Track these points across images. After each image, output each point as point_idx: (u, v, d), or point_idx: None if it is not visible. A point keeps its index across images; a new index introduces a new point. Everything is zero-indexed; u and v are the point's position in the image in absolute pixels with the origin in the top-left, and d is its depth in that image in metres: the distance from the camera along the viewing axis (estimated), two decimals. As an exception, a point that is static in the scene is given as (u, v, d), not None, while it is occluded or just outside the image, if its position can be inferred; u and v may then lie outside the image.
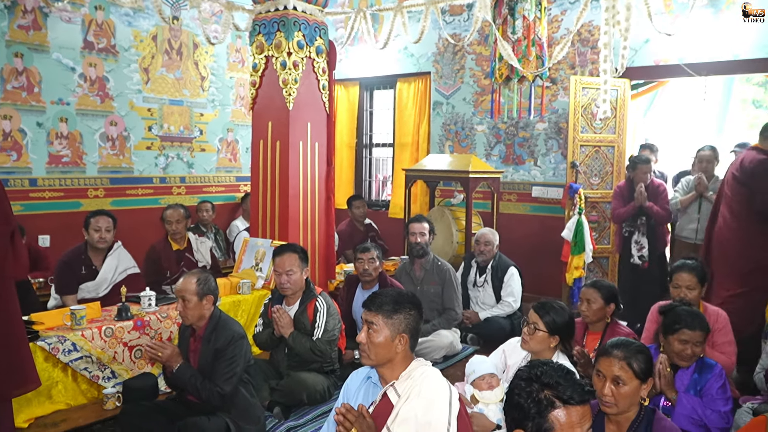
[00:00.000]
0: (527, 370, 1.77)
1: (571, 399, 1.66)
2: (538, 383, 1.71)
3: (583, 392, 1.68)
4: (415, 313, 2.26)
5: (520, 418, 1.71)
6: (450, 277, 4.99)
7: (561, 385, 1.68)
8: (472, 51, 7.11)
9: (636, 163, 5.55)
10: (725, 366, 3.33)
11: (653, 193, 5.50)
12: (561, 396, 1.67)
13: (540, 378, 1.71)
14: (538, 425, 1.67)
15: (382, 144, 8.36)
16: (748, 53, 5.56)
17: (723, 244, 4.52)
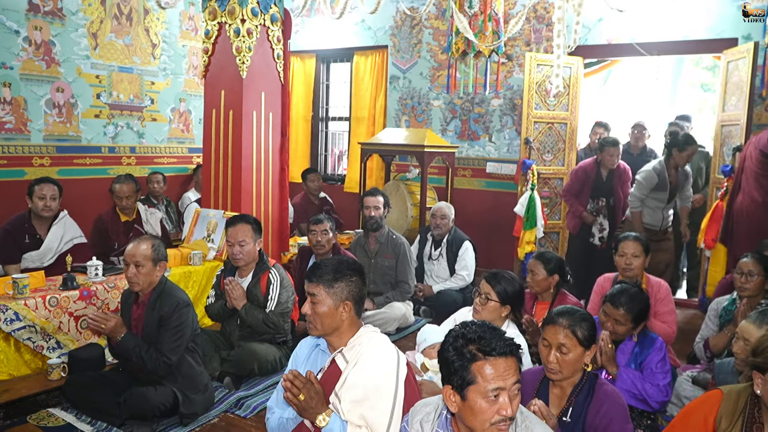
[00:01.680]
0: (457, 328, 1.82)
1: (493, 351, 1.70)
2: (463, 339, 1.76)
3: (505, 345, 1.72)
4: (357, 279, 2.25)
5: (448, 374, 1.76)
6: (404, 250, 5.01)
7: (484, 339, 1.73)
8: (430, 25, 7.09)
9: (604, 145, 5.46)
10: (666, 335, 3.45)
11: (619, 177, 5.53)
12: (483, 349, 1.71)
13: (465, 334, 1.76)
14: (462, 378, 1.71)
15: (339, 118, 8.29)
16: (699, 34, 5.69)
17: (750, 220, 4.58)
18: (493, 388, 1.68)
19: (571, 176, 5.75)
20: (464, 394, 1.71)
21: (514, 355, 1.74)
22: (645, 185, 5.32)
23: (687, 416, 2.14)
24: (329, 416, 2.12)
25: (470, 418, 1.72)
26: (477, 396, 1.69)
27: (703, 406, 2.10)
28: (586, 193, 5.60)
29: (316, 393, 2.13)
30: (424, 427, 1.90)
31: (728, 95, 5.48)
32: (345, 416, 2.12)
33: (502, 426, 1.69)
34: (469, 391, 1.70)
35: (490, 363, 1.70)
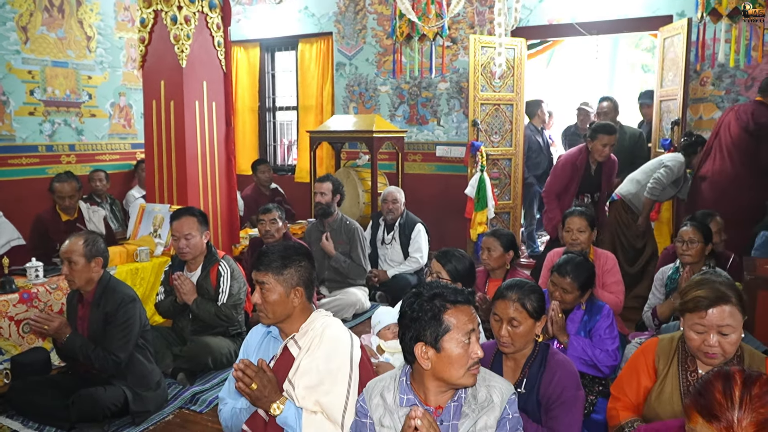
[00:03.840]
0: (410, 292, 1.89)
1: (458, 300, 1.80)
2: (426, 295, 1.82)
3: (464, 294, 1.84)
4: (306, 264, 2.22)
5: (419, 331, 1.80)
6: (357, 236, 4.99)
7: (445, 291, 1.82)
8: (374, 10, 7.04)
9: (597, 132, 4.78)
10: (614, 305, 3.53)
11: (608, 170, 5.03)
12: (449, 299, 1.80)
13: (424, 293, 1.84)
14: (436, 329, 1.78)
15: (286, 107, 8.18)
16: (636, 12, 5.82)
17: (717, 187, 4.67)
18: (467, 332, 1.78)
19: (555, 172, 5.02)
20: (439, 345, 1.77)
21: (472, 303, 1.86)
22: (674, 173, 4.79)
23: (633, 364, 2.31)
24: (283, 404, 2.09)
25: (447, 368, 1.78)
26: (452, 344, 1.77)
27: (643, 353, 2.29)
28: (573, 191, 4.95)
29: (268, 381, 2.09)
30: (386, 397, 1.89)
31: (665, 71, 5.62)
32: (299, 403, 2.10)
33: (475, 369, 1.79)
34: (444, 341, 1.77)
35: (458, 310, 1.80)
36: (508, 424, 1.84)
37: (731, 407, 1.34)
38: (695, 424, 1.40)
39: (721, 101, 5.57)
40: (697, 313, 2.04)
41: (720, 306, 2.02)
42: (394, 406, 1.86)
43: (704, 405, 1.38)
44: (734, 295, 2.06)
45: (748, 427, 1.31)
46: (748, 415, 1.32)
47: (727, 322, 2.01)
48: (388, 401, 1.88)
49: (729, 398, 1.35)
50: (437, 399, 1.83)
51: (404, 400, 1.85)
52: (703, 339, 2.03)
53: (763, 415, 1.32)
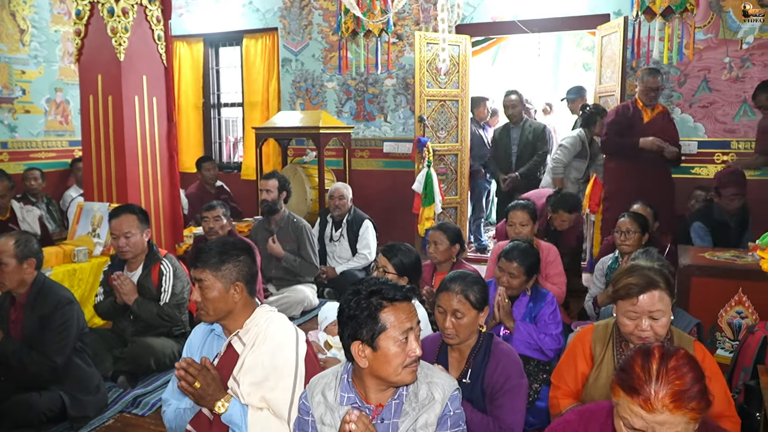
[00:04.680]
0: (349, 289, 1.85)
1: (396, 297, 1.77)
2: (364, 293, 1.79)
3: (403, 291, 1.80)
4: (245, 258, 2.19)
5: (355, 329, 1.78)
6: (305, 232, 4.96)
7: (384, 289, 1.78)
8: (319, 6, 7.00)
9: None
10: (557, 295, 3.62)
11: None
12: (386, 297, 1.77)
13: (362, 290, 1.80)
14: (372, 327, 1.75)
15: (231, 104, 8.05)
16: (575, 11, 5.97)
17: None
18: (404, 330, 1.75)
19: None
20: (375, 344, 1.74)
21: (411, 301, 1.83)
22: (570, 150, 5.46)
23: (570, 352, 2.37)
24: (228, 402, 2.06)
25: (384, 366, 1.75)
26: (389, 342, 1.74)
27: (580, 339, 2.35)
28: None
29: (212, 379, 2.06)
30: (327, 395, 1.88)
31: (604, 68, 5.79)
32: (245, 400, 2.07)
33: (414, 366, 1.77)
34: (380, 340, 1.74)
35: (395, 308, 1.76)
36: (449, 420, 1.83)
37: (649, 380, 1.40)
38: (618, 398, 1.46)
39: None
40: (629, 300, 2.11)
41: (650, 291, 2.09)
42: (335, 404, 1.84)
43: (625, 379, 1.44)
44: (662, 280, 2.14)
45: (665, 398, 1.37)
46: (664, 388, 1.38)
47: (657, 306, 2.09)
48: (329, 399, 1.86)
49: (647, 372, 1.41)
50: (377, 397, 1.82)
51: (345, 399, 1.83)
52: (636, 324, 2.10)
53: (678, 386, 1.38)
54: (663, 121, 4.99)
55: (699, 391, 1.39)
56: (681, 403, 1.37)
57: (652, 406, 1.38)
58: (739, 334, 3.24)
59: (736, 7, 5.43)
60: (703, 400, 1.39)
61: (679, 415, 1.37)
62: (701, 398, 1.39)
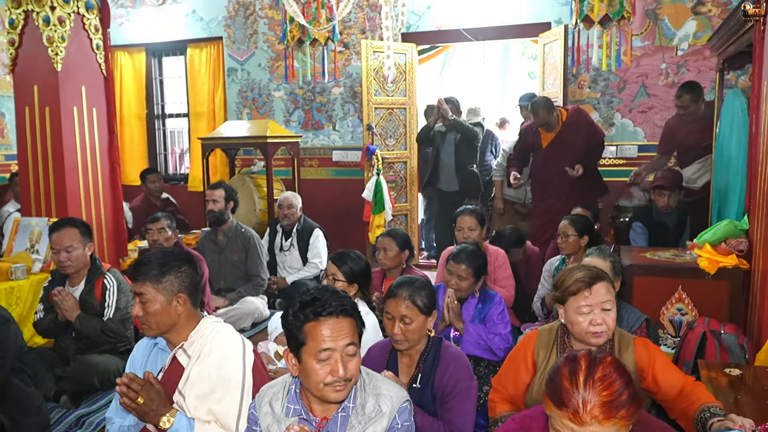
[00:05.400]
0: (299, 294, 1.82)
1: (323, 312, 1.71)
2: (300, 303, 1.76)
3: (338, 305, 1.73)
4: (187, 269, 2.14)
5: (288, 337, 1.77)
6: (254, 243, 4.90)
7: (318, 300, 1.73)
8: (264, 15, 6.96)
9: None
10: (505, 298, 3.68)
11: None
12: (315, 310, 1.72)
13: (304, 298, 1.76)
14: (297, 340, 1.73)
15: (176, 114, 7.90)
16: (518, 20, 6.11)
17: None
18: (321, 349, 1.69)
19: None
20: (300, 356, 1.72)
21: (349, 316, 1.75)
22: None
23: (512, 357, 2.37)
24: (174, 416, 2.02)
25: (306, 379, 1.73)
26: (309, 357, 1.70)
27: (523, 345, 2.35)
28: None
29: (156, 394, 2.01)
30: (275, 406, 1.85)
31: (546, 75, 5.94)
32: (191, 414, 2.02)
33: (338, 386, 1.70)
34: (302, 353, 1.71)
35: (320, 324, 1.70)
36: None
37: (576, 392, 1.36)
38: (550, 411, 1.42)
39: (598, 103, 5.95)
40: (581, 294, 2.10)
41: (600, 282, 2.12)
42: (281, 415, 1.81)
43: (554, 392, 1.40)
44: (605, 273, 2.21)
45: (594, 410, 1.34)
46: (592, 399, 1.34)
47: (607, 297, 2.11)
48: (275, 410, 1.83)
49: (574, 384, 1.37)
50: (322, 409, 1.79)
51: (291, 410, 1.81)
52: (590, 319, 2.09)
53: (606, 397, 1.35)
54: (565, 140, 5.10)
55: (628, 397, 1.37)
56: (610, 414, 1.34)
57: (581, 420, 1.34)
58: (680, 330, 3.35)
59: (671, 15, 5.66)
60: (632, 406, 1.37)
61: (609, 425, 1.34)
62: (630, 404, 1.36)
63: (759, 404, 2.24)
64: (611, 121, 5.92)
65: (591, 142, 5.10)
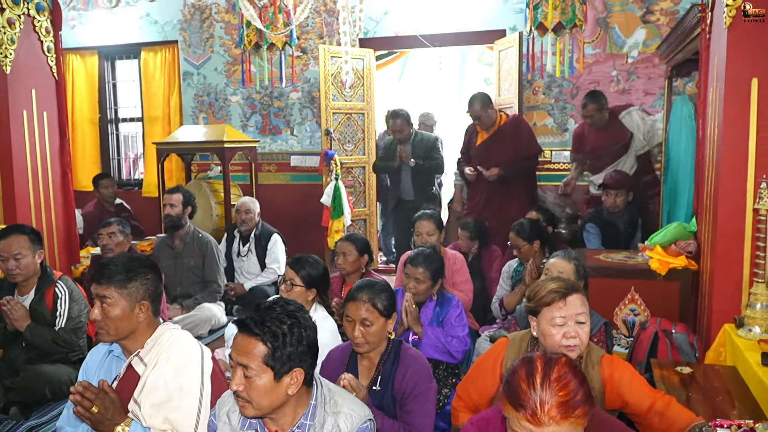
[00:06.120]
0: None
1: (240, 327, 1.72)
2: (245, 314, 1.78)
3: (247, 321, 1.71)
4: (152, 276, 2.11)
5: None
6: (211, 248, 4.83)
7: (247, 316, 1.75)
8: (221, 19, 6.89)
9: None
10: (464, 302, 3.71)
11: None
12: (245, 322, 1.73)
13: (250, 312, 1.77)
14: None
15: (130, 119, 7.74)
16: (474, 27, 6.20)
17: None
18: (233, 363, 1.71)
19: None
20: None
21: (254, 335, 1.69)
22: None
23: (480, 364, 2.35)
24: (129, 426, 1.98)
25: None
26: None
27: (492, 354, 2.32)
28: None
29: (111, 402, 1.96)
30: (232, 418, 1.83)
31: (502, 81, 6.04)
32: (147, 422, 1.98)
33: (239, 401, 1.71)
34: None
35: (240, 337, 1.73)
36: None
37: (534, 393, 1.38)
38: (508, 413, 1.43)
39: (552, 109, 6.07)
40: (556, 305, 2.07)
41: (575, 294, 2.09)
42: (237, 427, 1.80)
43: (511, 394, 1.42)
44: (580, 286, 2.21)
45: (551, 411, 1.36)
46: (549, 400, 1.37)
47: (581, 309, 2.08)
48: (232, 421, 1.82)
49: (531, 385, 1.39)
50: (276, 424, 1.77)
51: (246, 423, 1.79)
52: (564, 332, 2.05)
53: (562, 397, 1.37)
54: (496, 143, 5.19)
55: (583, 396, 1.39)
56: (567, 413, 1.36)
57: (539, 420, 1.36)
58: (633, 330, 3.45)
59: (621, 24, 5.82)
60: (587, 404, 1.40)
61: (566, 424, 1.37)
62: (585, 403, 1.39)
63: (709, 401, 2.32)
64: (565, 126, 6.05)
65: (523, 153, 5.17)
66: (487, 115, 5.18)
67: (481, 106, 5.13)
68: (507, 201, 5.08)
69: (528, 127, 5.41)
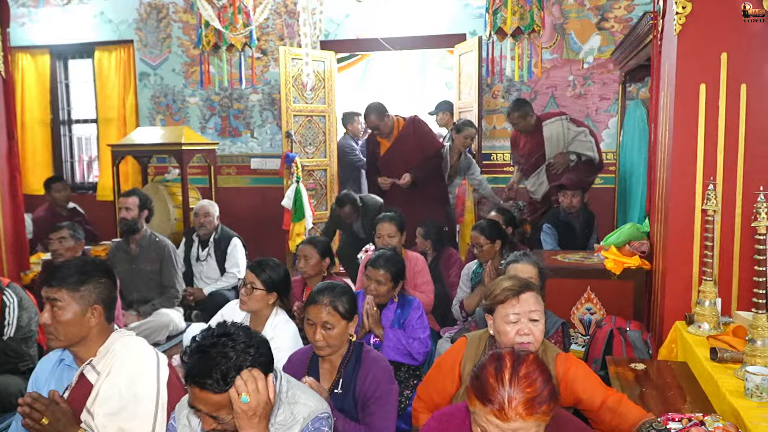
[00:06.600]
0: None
1: (186, 376, 1.66)
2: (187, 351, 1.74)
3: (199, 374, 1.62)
4: (106, 281, 2.05)
5: None
6: (168, 253, 4.73)
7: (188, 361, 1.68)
8: (179, 19, 6.78)
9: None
10: (425, 303, 3.73)
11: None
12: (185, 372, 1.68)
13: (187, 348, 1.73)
14: None
15: (84, 120, 7.55)
16: (435, 30, 6.24)
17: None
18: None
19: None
20: None
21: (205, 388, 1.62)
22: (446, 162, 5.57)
23: (439, 365, 2.36)
24: (82, 436, 1.91)
25: None
26: None
27: (451, 354, 2.33)
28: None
29: (62, 413, 1.90)
30: (192, 420, 1.80)
31: (462, 85, 6.09)
32: (100, 433, 1.93)
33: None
34: None
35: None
36: None
37: (502, 389, 1.40)
38: (474, 407, 1.45)
39: (511, 112, 6.15)
40: (510, 302, 2.10)
41: (528, 292, 2.12)
42: (198, 429, 1.77)
43: (479, 388, 1.44)
44: (536, 285, 2.24)
45: (518, 407, 1.38)
46: (517, 395, 1.39)
47: (535, 307, 2.10)
48: (192, 424, 1.79)
49: (500, 381, 1.41)
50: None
51: None
52: (517, 329, 2.08)
53: (530, 393, 1.40)
54: (399, 149, 5.26)
55: (549, 393, 1.42)
56: (533, 409, 1.39)
57: (506, 416, 1.38)
58: (590, 329, 3.51)
59: (577, 30, 5.95)
60: (552, 401, 1.42)
61: (532, 420, 1.39)
62: (551, 400, 1.42)
63: (662, 396, 2.38)
64: (524, 129, 6.13)
65: (427, 153, 5.22)
66: (384, 123, 5.22)
67: (377, 116, 5.18)
68: (422, 203, 5.09)
69: (426, 126, 5.46)
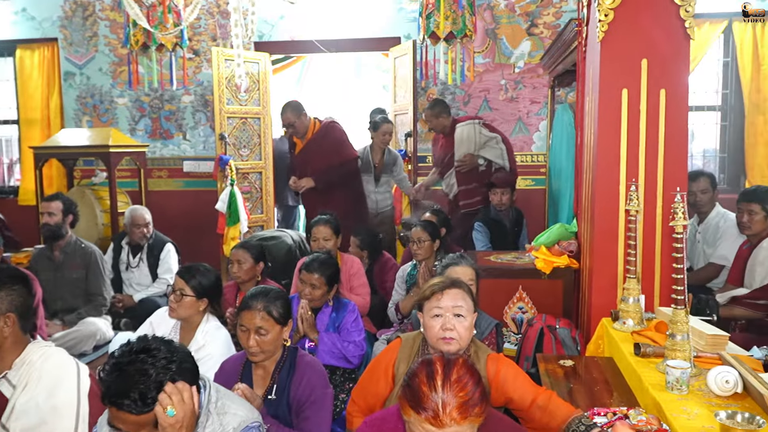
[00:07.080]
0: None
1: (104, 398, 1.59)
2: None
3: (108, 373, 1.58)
4: (20, 288, 1.96)
5: None
6: (95, 259, 4.55)
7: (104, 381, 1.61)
8: (105, 17, 6.56)
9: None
10: (362, 306, 3.74)
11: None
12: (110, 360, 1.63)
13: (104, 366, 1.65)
14: None
15: (4, 121, 7.19)
16: (369, 33, 6.27)
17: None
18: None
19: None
20: None
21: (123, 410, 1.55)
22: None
23: (373, 367, 2.35)
24: (-3, 453, 1.82)
25: None
26: None
27: (385, 356, 2.33)
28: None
29: (-25, 430, 1.80)
30: None
31: (398, 88, 6.14)
32: (17, 449, 1.84)
33: None
34: None
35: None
36: None
37: (435, 395, 1.40)
38: (409, 416, 1.44)
39: (445, 115, 6.23)
40: (435, 297, 2.14)
41: (454, 288, 2.16)
42: None
43: (412, 397, 1.43)
44: (464, 284, 2.26)
45: (452, 412, 1.39)
46: (451, 401, 1.39)
47: (460, 303, 2.13)
48: None
49: (432, 387, 1.41)
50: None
51: None
52: (442, 323, 2.10)
53: (462, 398, 1.40)
54: (310, 151, 5.27)
55: (480, 395, 1.44)
56: (467, 412, 1.40)
57: (441, 422, 1.38)
58: (522, 327, 3.59)
59: (509, 35, 6.09)
60: (484, 402, 1.44)
61: (466, 423, 1.40)
62: (482, 401, 1.44)
63: (589, 391, 2.45)
64: (456, 133, 6.23)
65: (332, 161, 5.19)
66: (301, 122, 5.20)
67: (293, 113, 5.17)
68: (336, 206, 4.91)
69: (339, 134, 5.37)
